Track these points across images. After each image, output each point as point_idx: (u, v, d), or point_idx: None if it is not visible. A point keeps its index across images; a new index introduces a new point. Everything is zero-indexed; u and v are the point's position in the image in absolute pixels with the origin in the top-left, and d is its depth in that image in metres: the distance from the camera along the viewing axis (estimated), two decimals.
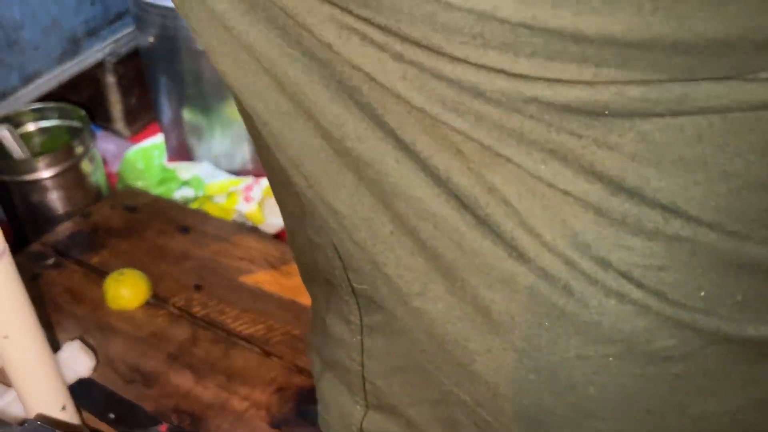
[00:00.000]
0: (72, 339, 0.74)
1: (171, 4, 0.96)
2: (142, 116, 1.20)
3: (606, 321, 0.29)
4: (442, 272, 0.32)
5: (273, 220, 0.99)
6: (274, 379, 0.74)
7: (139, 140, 1.16)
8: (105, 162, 1.05)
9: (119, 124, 1.18)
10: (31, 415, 0.62)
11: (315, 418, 0.70)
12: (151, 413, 0.70)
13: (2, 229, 0.55)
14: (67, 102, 1.07)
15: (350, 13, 0.27)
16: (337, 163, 0.33)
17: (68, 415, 0.65)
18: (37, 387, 0.62)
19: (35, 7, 1.01)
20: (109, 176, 1.03)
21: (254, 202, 0.99)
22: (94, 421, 0.70)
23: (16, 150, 0.97)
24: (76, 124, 0.99)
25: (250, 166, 1.11)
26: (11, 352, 0.58)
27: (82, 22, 1.09)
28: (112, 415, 0.70)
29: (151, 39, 1.01)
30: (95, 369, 0.74)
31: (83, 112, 0.97)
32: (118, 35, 1.15)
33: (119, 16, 1.14)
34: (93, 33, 1.11)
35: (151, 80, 1.08)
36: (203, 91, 1.03)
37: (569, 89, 0.26)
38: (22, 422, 0.62)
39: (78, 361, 0.70)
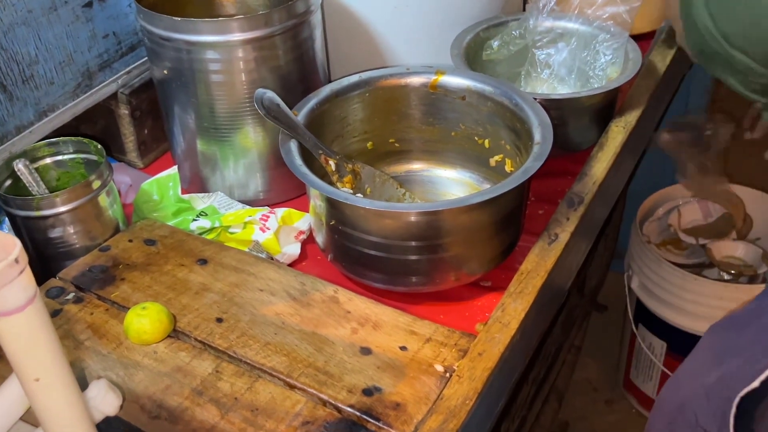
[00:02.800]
0: (98, 378, 0.74)
1: (184, 37, 0.97)
2: (155, 147, 1.20)
3: None
4: None
5: (289, 249, 1.00)
6: (300, 413, 0.74)
7: (152, 171, 1.17)
8: (119, 193, 1.05)
9: (133, 154, 1.19)
10: None
11: None
12: None
13: None
14: (81, 134, 1.07)
15: None
16: None
17: None
18: (66, 428, 0.62)
19: (50, 43, 1.01)
20: (123, 207, 1.03)
21: (270, 232, 0.99)
22: None
23: (33, 185, 0.97)
24: (92, 157, 1.00)
25: (262, 196, 1.11)
26: (42, 394, 0.59)
27: (95, 56, 1.09)
28: None
29: (164, 71, 1.02)
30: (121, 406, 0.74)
31: (100, 146, 0.98)
32: (131, 67, 1.15)
33: (132, 48, 1.15)
34: (106, 65, 1.11)
35: (165, 111, 1.09)
36: (217, 122, 1.04)
37: None
38: None
39: (105, 401, 0.70)
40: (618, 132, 1.10)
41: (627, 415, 1.89)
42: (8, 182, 0.96)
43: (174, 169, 1.07)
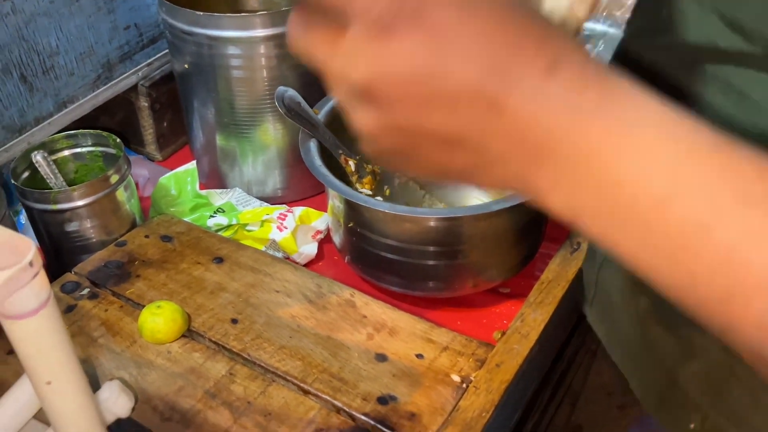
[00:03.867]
0: (111, 377, 0.73)
1: (206, 32, 0.95)
2: (174, 140, 1.20)
3: None
4: None
5: (306, 249, 0.98)
6: (313, 420, 0.73)
7: (170, 164, 1.16)
8: (137, 186, 1.04)
9: (151, 147, 1.18)
10: None
11: None
12: None
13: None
14: (100, 125, 1.07)
15: None
16: None
17: None
18: (76, 430, 0.61)
19: (71, 34, 1.01)
20: (140, 200, 1.02)
21: (288, 231, 0.98)
22: None
23: (51, 177, 0.96)
24: (111, 150, 0.99)
25: (281, 193, 1.10)
26: (54, 397, 0.58)
27: (116, 48, 1.08)
28: None
29: (185, 65, 1.01)
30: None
31: (119, 140, 0.97)
32: (152, 59, 1.14)
33: (153, 41, 1.14)
34: (127, 57, 1.11)
35: (185, 105, 1.08)
36: (236, 118, 1.02)
37: None
38: None
39: (117, 403, 0.69)
40: None
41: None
42: (26, 174, 0.95)
43: (192, 164, 1.06)
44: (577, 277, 0.88)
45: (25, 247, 0.52)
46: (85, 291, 0.88)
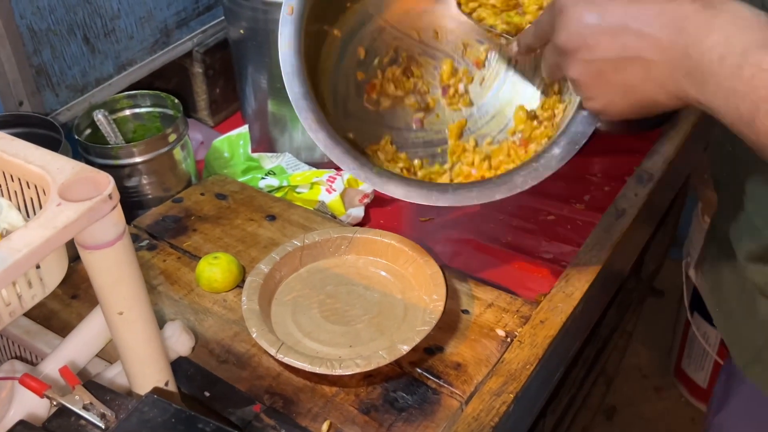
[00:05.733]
0: (172, 320, 0.77)
1: None
2: (225, 107, 1.23)
3: None
4: None
5: (353, 212, 1.01)
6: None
7: (222, 130, 1.19)
8: None
9: (204, 113, 1.22)
10: (137, 388, 0.65)
11: (401, 405, 0.72)
12: (245, 393, 0.73)
13: None
14: (155, 90, 1.10)
15: None
16: None
17: (169, 392, 0.67)
18: (144, 362, 0.64)
19: None
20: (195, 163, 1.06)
21: (336, 194, 1.00)
22: (189, 398, 0.73)
23: (111, 136, 1.00)
24: (168, 112, 1.02)
25: (327, 159, 1.12)
26: (124, 328, 0.61)
27: (173, 14, 1.12)
28: (207, 394, 0.73)
29: (240, 31, 1.04)
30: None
31: (176, 101, 1.00)
32: (207, 26, 1.18)
33: (209, 8, 1.17)
34: (183, 23, 1.14)
35: (238, 71, 1.11)
36: None
37: None
38: (129, 393, 0.65)
39: (179, 341, 0.73)
40: (690, 112, 1.08)
41: (676, 403, 1.87)
42: (88, 131, 0.99)
43: (245, 128, 1.09)
44: (621, 243, 0.89)
45: (105, 181, 0.55)
46: (144, 243, 0.92)
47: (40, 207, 0.57)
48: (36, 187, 0.57)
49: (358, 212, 1.02)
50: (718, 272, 0.78)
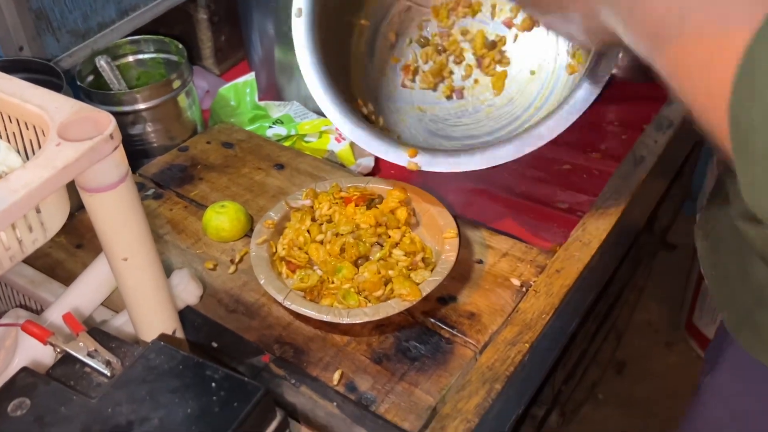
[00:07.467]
0: (179, 268, 0.75)
1: None
2: (231, 54, 1.20)
3: None
4: None
5: (363, 161, 0.99)
6: None
7: (228, 78, 1.16)
8: None
9: (209, 61, 1.18)
10: (143, 336, 0.64)
11: (413, 355, 0.70)
12: (254, 343, 0.71)
13: None
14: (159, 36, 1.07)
15: None
16: None
17: (177, 340, 0.66)
18: (151, 310, 0.63)
19: None
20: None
21: (346, 143, 0.98)
22: (197, 349, 0.71)
23: (114, 82, 0.98)
24: (173, 58, 0.99)
25: None
26: (129, 274, 0.59)
27: None
28: (215, 344, 0.72)
29: None
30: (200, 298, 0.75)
31: (181, 46, 0.97)
32: None
33: None
34: None
35: (244, 17, 1.08)
36: None
37: None
38: (135, 342, 0.63)
39: (187, 289, 0.72)
40: None
41: (686, 358, 1.86)
42: (90, 78, 0.96)
43: (251, 75, 1.06)
44: (639, 191, 0.87)
45: (105, 120, 0.53)
46: (150, 192, 0.89)
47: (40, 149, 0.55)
48: (35, 128, 0.55)
49: (368, 162, 0.99)
50: (717, 232, 0.75)
